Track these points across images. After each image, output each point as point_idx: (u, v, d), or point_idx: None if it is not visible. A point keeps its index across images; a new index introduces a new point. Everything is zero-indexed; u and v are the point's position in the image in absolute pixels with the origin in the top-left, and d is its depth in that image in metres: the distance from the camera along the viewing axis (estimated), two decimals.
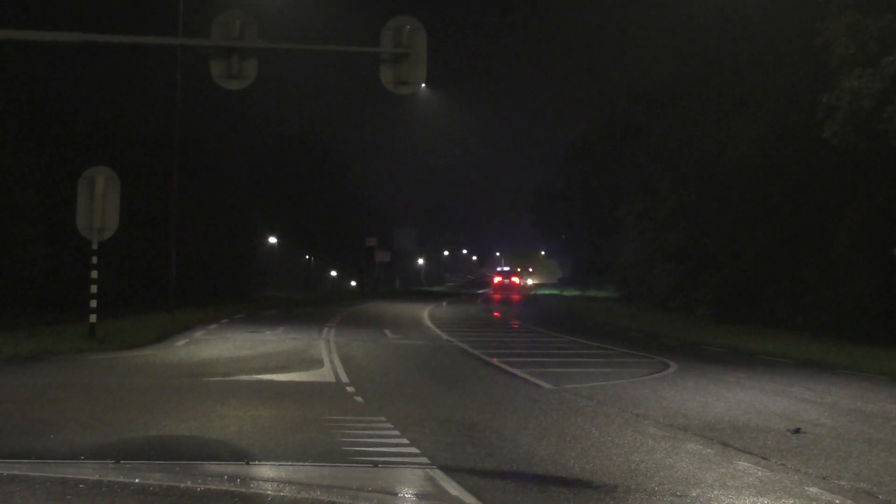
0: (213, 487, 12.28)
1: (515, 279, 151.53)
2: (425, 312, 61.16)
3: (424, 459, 14.37)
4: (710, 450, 16.14)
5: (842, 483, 13.76)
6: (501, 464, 14.77)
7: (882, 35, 40.27)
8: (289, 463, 13.93)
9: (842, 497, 12.82)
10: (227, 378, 24.65)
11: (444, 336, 41.95)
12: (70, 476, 12.49)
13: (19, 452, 14.08)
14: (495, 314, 69.05)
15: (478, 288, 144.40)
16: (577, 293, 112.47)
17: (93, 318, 33.75)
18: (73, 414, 17.80)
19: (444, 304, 77.63)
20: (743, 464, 14.94)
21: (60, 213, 44.80)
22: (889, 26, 40.13)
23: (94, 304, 33.83)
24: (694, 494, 12.66)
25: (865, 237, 45.89)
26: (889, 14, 40.21)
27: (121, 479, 12.46)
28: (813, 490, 13.18)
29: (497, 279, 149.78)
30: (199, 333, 39.28)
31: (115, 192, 33.69)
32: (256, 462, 13.88)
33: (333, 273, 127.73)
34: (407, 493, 12.57)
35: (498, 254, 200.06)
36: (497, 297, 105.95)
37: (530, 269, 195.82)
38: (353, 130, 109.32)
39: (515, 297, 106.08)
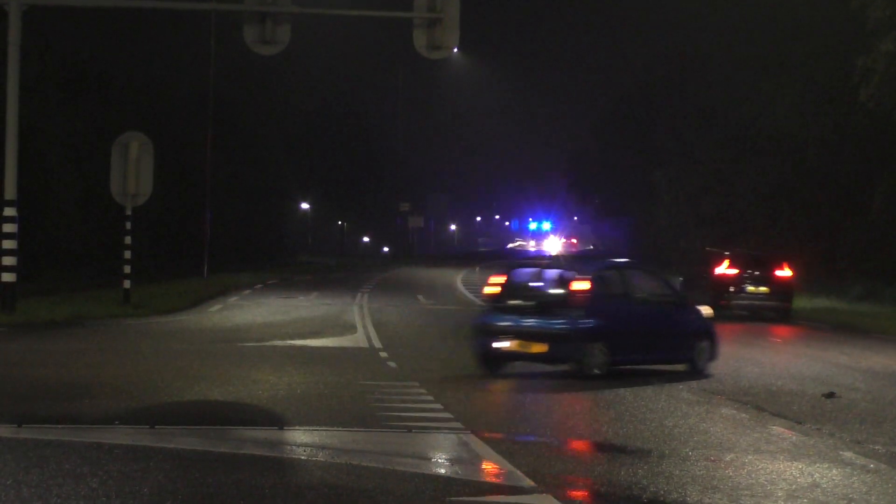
0: (247, 452, 12.37)
1: (574, 241, 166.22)
2: (458, 278, 61.13)
3: (458, 424, 14.36)
4: (744, 414, 16.09)
5: (876, 447, 13.70)
6: (535, 428, 14.77)
7: None
8: (322, 428, 13.96)
9: (876, 461, 12.75)
10: (260, 343, 24.73)
11: (478, 301, 41.93)
12: (105, 441, 12.61)
13: (54, 417, 14.16)
14: None
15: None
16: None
17: (127, 283, 33.83)
18: (107, 379, 17.88)
19: (478, 269, 77.59)
20: (777, 428, 14.89)
21: (95, 178, 44.91)
22: None
23: (128, 269, 33.90)
24: (728, 459, 12.62)
25: None
26: None
27: (155, 443, 12.57)
28: (847, 454, 13.13)
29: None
30: (233, 299, 39.41)
31: (149, 157, 33.68)
32: (290, 427, 13.91)
33: (366, 239, 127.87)
34: (441, 458, 12.59)
35: (531, 219, 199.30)
36: None
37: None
38: (386, 97, 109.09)
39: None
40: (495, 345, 19.81)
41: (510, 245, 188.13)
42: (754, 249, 46.17)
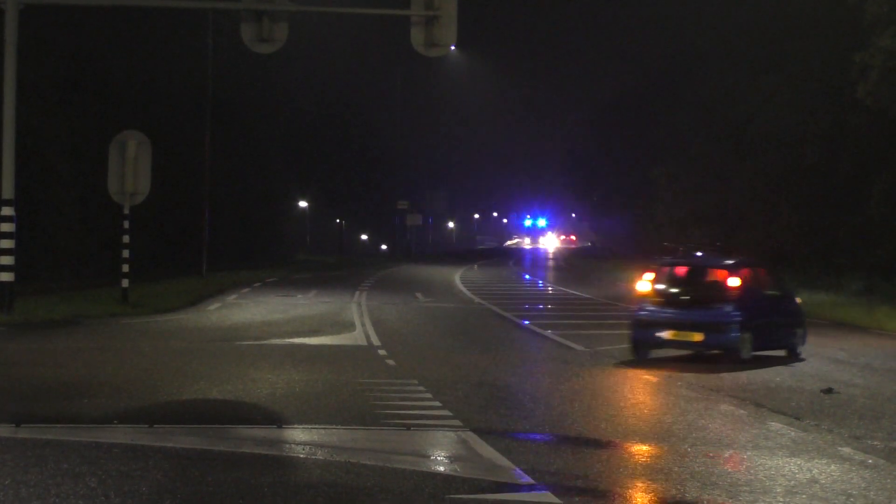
0: (246, 451, 12.38)
1: (573, 238, 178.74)
2: (457, 275, 61.13)
3: (457, 422, 14.38)
4: (742, 411, 16.11)
5: (875, 443, 13.72)
6: (534, 426, 14.78)
7: None
8: (321, 426, 13.98)
9: (875, 457, 12.78)
10: (259, 342, 24.73)
11: (476, 299, 41.93)
12: (103, 440, 12.62)
13: (53, 416, 14.18)
14: (527, 276, 69.03)
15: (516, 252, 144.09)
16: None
17: (125, 282, 33.84)
18: (106, 378, 17.89)
19: (476, 267, 77.61)
20: (776, 424, 14.91)
21: (93, 177, 44.83)
22: None
23: (126, 268, 33.89)
24: (726, 455, 12.65)
25: None
26: None
27: (154, 443, 12.57)
28: (846, 450, 13.15)
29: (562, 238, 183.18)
30: (231, 297, 39.41)
31: (147, 156, 33.67)
32: (289, 425, 13.93)
33: (365, 237, 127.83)
34: (440, 455, 12.60)
35: (528, 216, 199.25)
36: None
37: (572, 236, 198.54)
38: (384, 95, 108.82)
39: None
40: (657, 334, 22.29)
41: (508, 242, 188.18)
42: (705, 245, 47.59)
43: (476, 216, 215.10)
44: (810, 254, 56.20)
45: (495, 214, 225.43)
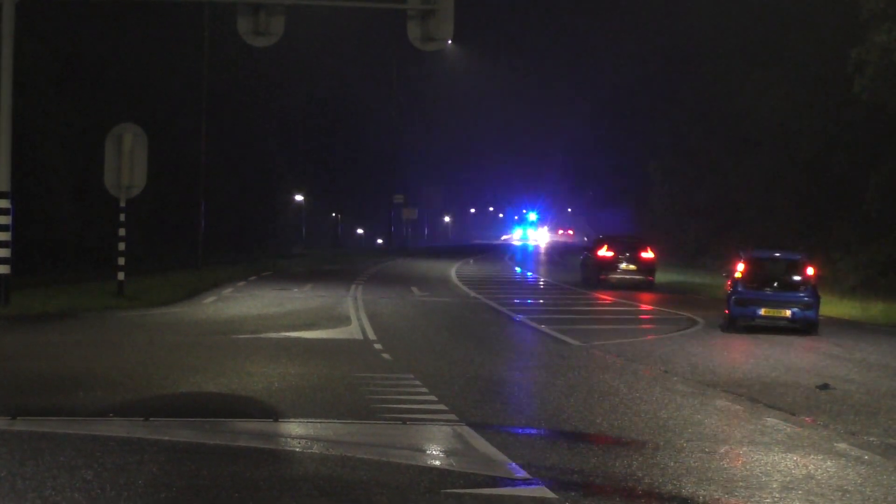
0: (241, 444, 12.37)
1: (570, 232, 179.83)
2: (452, 270, 61.13)
3: (453, 416, 14.38)
4: (738, 406, 16.12)
5: (871, 439, 13.73)
6: (530, 420, 14.78)
7: None
8: (317, 420, 13.97)
9: (871, 452, 12.79)
10: (255, 335, 24.71)
11: (472, 293, 41.94)
12: (99, 433, 12.61)
13: (49, 409, 14.16)
14: (523, 271, 69.02)
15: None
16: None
17: (121, 275, 33.82)
18: (101, 371, 17.87)
19: (472, 261, 77.60)
20: (771, 420, 14.92)
21: (89, 170, 44.79)
22: None
23: (122, 261, 33.88)
24: (722, 451, 12.65)
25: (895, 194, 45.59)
26: None
27: (150, 436, 12.57)
28: (842, 446, 13.16)
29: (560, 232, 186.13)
30: (227, 291, 39.37)
31: (143, 149, 33.65)
32: (285, 419, 13.92)
33: (360, 231, 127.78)
34: (435, 450, 12.59)
35: (524, 210, 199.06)
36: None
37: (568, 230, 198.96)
38: (380, 89, 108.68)
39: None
40: (756, 311, 28.17)
41: (503, 237, 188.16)
42: (626, 236, 57.93)
43: (472, 210, 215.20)
44: (806, 249, 56.19)
45: (492, 209, 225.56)
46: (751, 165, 64.16)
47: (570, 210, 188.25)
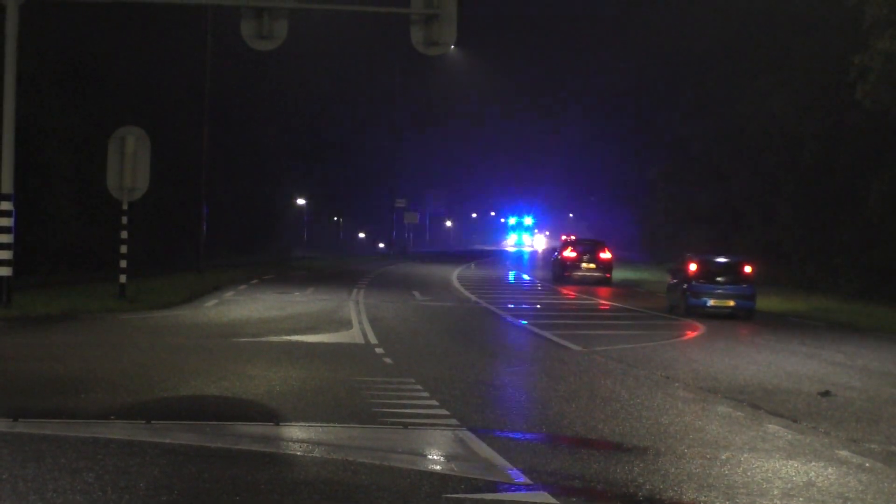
0: (242, 448, 12.37)
1: (572, 237, 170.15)
2: (454, 274, 61.17)
3: (454, 421, 14.37)
4: (739, 412, 16.11)
5: (872, 446, 13.72)
6: (531, 425, 14.78)
7: None
8: (318, 424, 13.96)
9: (872, 460, 12.78)
10: (256, 339, 24.70)
11: (473, 298, 41.94)
12: (100, 435, 12.61)
13: (50, 411, 14.16)
14: (523, 276, 69.01)
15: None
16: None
17: (123, 277, 33.81)
18: (103, 373, 17.86)
19: (473, 266, 77.62)
20: (773, 427, 14.90)
21: (92, 172, 44.81)
22: None
23: (124, 264, 33.88)
24: (724, 457, 12.63)
25: None
26: None
27: (151, 438, 12.56)
28: (843, 453, 13.15)
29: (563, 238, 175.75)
30: (228, 294, 39.37)
31: (146, 151, 33.65)
32: (286, 423, 13.91)
33: (362, 235, 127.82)
34: (436, 454, 12.59)
35: (524, 214, 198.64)
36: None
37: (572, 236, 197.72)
38: (383, 93, 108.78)
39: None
40: (707, 301, 34.55)
41: (503, 243, 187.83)
42: (589, 240, 64.96)
43: (474, 215, 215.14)
44: (807, 254, 56.28)
45: (493, 214, 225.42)
46: (753, 170, 64.20)
47: (571, 215, 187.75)
